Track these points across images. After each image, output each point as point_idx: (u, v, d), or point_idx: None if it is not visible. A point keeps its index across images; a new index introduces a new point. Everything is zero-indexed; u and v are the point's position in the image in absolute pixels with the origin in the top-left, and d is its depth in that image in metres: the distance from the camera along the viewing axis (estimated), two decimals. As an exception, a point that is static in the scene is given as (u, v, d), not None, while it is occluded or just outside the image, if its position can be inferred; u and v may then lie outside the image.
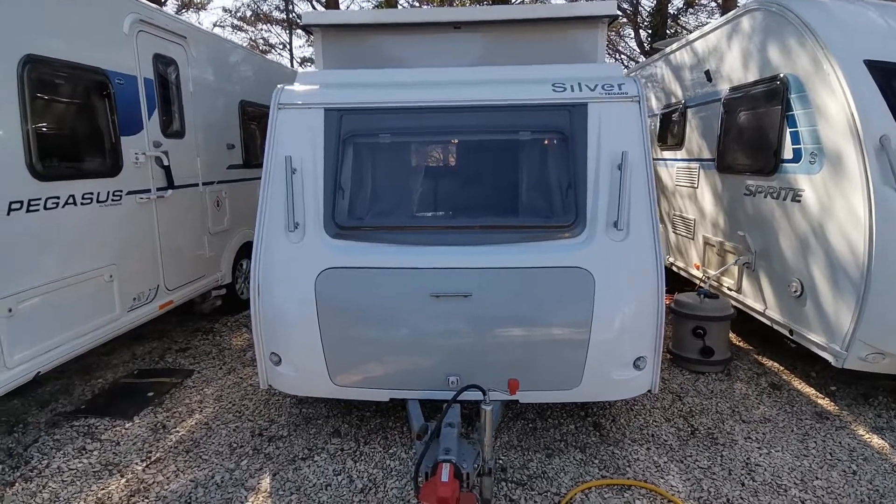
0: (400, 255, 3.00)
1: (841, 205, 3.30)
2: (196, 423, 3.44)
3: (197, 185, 4.85)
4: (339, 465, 2.99)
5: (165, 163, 4.29)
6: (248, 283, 5.74)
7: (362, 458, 3.05)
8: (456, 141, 3.36)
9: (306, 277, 3.01)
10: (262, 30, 13.74)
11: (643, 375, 3.01)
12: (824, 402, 3.66)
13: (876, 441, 3.15)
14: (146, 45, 4.14)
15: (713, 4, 14.25)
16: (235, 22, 13.25)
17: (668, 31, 11.86)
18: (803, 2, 3.86)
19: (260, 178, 3.27)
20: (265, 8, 12.82)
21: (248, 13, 13.36)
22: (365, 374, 3.04)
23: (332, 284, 2.99)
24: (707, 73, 5.10)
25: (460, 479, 2.21)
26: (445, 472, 2.05)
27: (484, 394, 2.44)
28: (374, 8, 13.11)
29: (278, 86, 3.47)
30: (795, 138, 3.76)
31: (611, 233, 2.97)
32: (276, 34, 13.81)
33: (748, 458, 3.03)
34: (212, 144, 5.13)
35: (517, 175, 3.33)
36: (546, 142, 3.25)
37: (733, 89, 4.61)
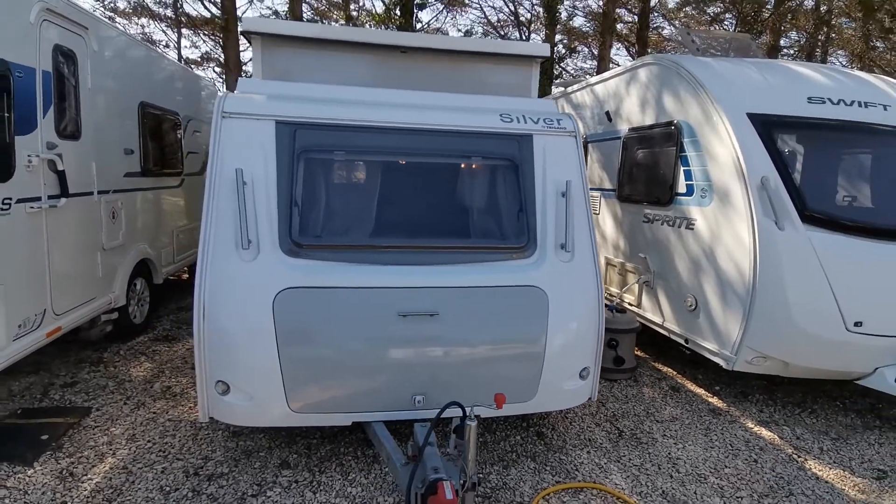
0: (365, 275, 2.96)
1: (729, 233, 3.95)
2: (112, 468, 2.99)
3: (92, 193, 4.26)
4: (297, 498, 2.81)
5: (60, 167, 3.73)
6: (139, 304, 5.16)
7: (321, 488, 2.90)
8: (413, 162, 3.41)
9: (262, 298, 2.83)
10: (140, 25, 12.40)
11: (586, 385, 3.29)
12: (714, 400, 4.29)
13: (765, 433, 3.78)
14: (48, 36, 3.60)
15: (586, 50, 16.06)
16: (106, 13, 11.75)
17: (554, 73, 13.21)
18: (693, 60, 4.60)
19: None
20: (147, 1, 11.60)
21: (124, 5, 11.94)
22: (326, 399, 2.91)
23: (292, 305, 2.84)
24: (608, 113, 5.76)
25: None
26: (448, 490, 2.07)
27: (464, 411, 2.50)
28: (309, 20, 12.63)
29: (221, 92, 3.27)
30: (688, 175, 4.43)
31: (559, 254, 3.24)
32: (161, 31, 12.56)
33: (669, 453, 3.45)
34: (109, 148, 4.55)
35: (472, 198, 3.47)
36: (498, 168, 3.44)
37: (632, 129, 5.28)
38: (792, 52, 13.20)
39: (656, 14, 13.21)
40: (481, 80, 4.07)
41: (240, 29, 3.71)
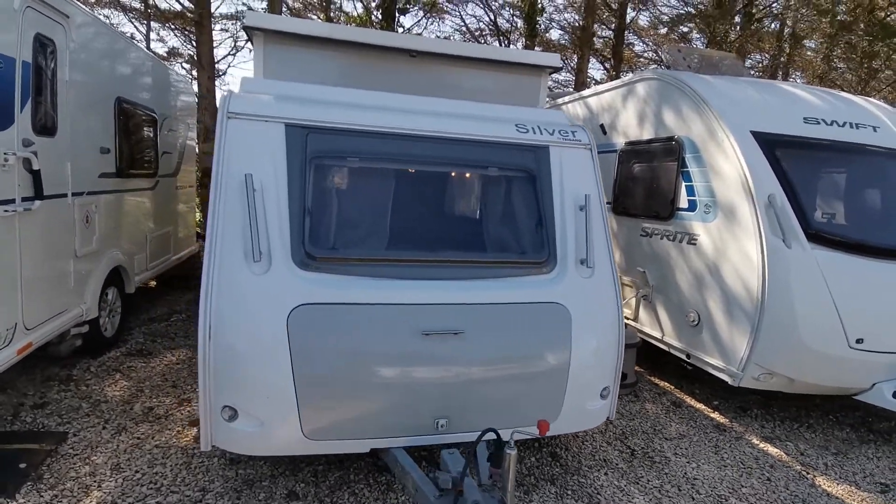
0: (384, 291, 2.79)
1: (735, 249, 3.98)
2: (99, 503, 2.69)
3: (66, 195, 3.90)
4: (312, 532, 2.60)
5: (35, 166, 3.38)
6: (111, 316, 4.77)
7: (337, 520, 2.70)
8: (429, 171, 3.27)
9: (276, 315, 2.62)
10: (104, 15, 11.59)
11: (606, 404, 3.21)
12: (716, 416, 4.31)
13: (772, 450, 3.80)
14: (31, 23, 3.27)
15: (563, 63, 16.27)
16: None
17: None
18: (695, 77, 4.64)
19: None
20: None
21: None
22: (344, 424, 2.71)
23: (309, 323, 2.64)
24: (602, 126, 5.77)
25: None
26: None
27: (498, 437, 2.37)
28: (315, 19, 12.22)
29: (226, 91, 3.05)
30: (690, 191, 4.45)
31: (580, 269, 3.15)
32: (129, 22, 11.81)
33: (685, 473, 3.41)
34: (84, 146, 4.19)
35: (491, 210, 3.35)
36: (517, 179, 3.34)
37: (629, 143, 5.29)
38: (755, 72, 13.77)
39: (630, 31, 13.53)
40: (489, 89, 3.96)
41: (243, 24, 3.48)
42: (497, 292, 2.96)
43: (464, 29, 13.31)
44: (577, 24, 11.86)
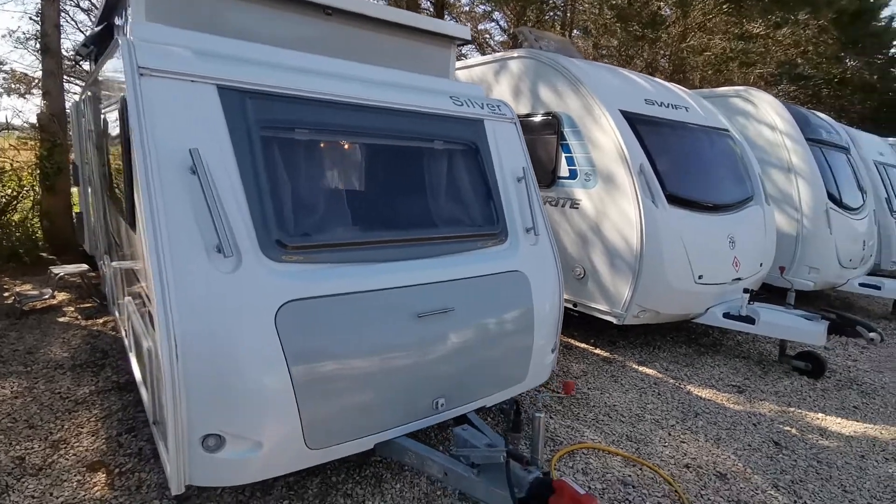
0: (372, 276, 2.62)
1: (615, 210, 4.68)
2: None
3: None
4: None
5: None
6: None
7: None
8: (384, 145, 3.07)
9: (262, 317, 2.28)
10: None
11: (553, 358, 3.57)
12: (598, 351, 5.09)
13: (648, 371, 4.70)
14: None
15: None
16: None
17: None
18: (567, 59, 5.18)
19: None
20: None
21: None
22: (346, 425, 2.51)
23: (299, 321, 2.36)
24: (474, 99, 6.03)
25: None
26: (578, 486, 2.06)
27: (518, 406, 2.49)
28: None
29: (122, 36, 2.43)
30: (570, 161, 5.04)
31: (528, 238, 3.39)
32: None
33: (605, 402, 4.01)
34: None
35: (449, 185, 3.33)
36: (465, 153, 3.37)
37: (505, 117, 5.66)
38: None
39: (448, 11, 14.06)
40: (402, 56, 3.83)
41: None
42: (472, 266, 3.02)
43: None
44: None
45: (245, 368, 2.22)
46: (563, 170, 5.11)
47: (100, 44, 4.35)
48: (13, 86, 11.41)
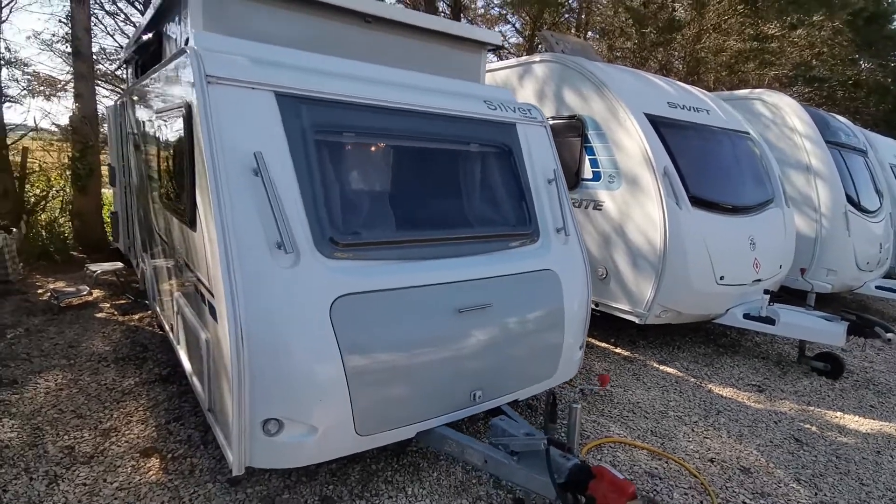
0: (417, 272, 2.77)
1: (639, 212, 4.79)
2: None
3: None
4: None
5: None
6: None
7: (396, 508, 2.64)
8: (429, 148, 3.21)
9: (317, 310, 2.43)
10: None
11: (581, 354, 3.68)
12: (619, 350, 5.20)
13: (669, 370, 4.80)
14: None
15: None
16: None
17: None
18: (592, 63, 5.29)
19: None
20: None
21: None
22: (392, 414, 2.65)
23: (351, 314, 2.50)
24: (497, 102, 6.15)
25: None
26: (616, 472, 2.18)
27: (554, 397, 2.62)
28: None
29: (188, 46, 2.59)
30: (594, 163, 5.14)
31: (559, 238, 3.51)
32: None
33: (629, 400, 4.12)
34: None
35: (485, 186, 3.47)
36: (500, 155, 3.50)
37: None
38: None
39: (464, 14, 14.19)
40: (436, 61, 3.96)
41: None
42: (507, 264, 3.15)
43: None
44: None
45: (303, 357, 2.36)
46: (587, 172, 5.22)
47: (143, 51, 4.52)
48: (38, 88, 11.68)
